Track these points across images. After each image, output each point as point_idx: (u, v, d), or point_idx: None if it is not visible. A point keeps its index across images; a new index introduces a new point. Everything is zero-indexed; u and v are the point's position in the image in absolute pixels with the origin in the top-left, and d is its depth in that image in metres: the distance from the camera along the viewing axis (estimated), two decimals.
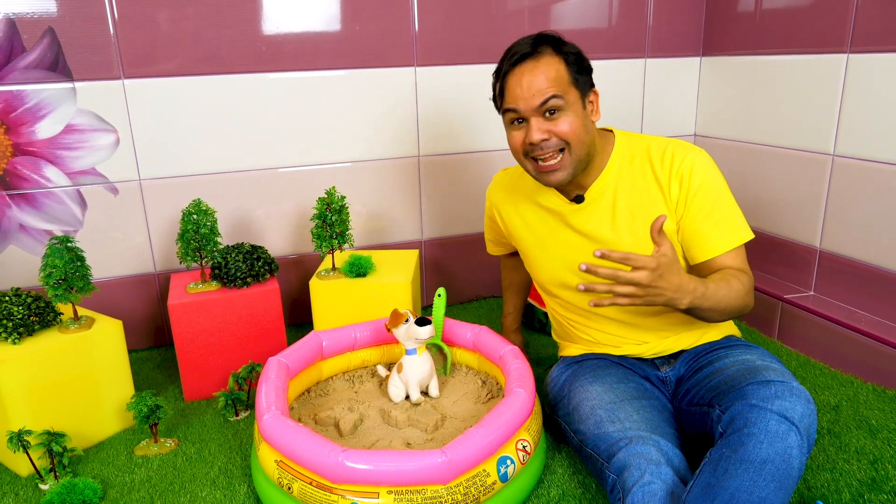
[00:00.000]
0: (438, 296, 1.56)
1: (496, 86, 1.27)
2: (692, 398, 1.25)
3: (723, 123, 2.20)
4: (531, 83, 1.20)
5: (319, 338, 1.53)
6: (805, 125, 1.87)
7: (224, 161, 1.89)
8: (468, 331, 1.55)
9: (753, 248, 1.41)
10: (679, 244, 1.28)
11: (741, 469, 0.98)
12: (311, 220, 1.67)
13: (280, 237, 2.01)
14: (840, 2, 1.72)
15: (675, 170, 1.25)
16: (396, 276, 1.71)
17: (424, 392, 1.46)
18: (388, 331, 1.43)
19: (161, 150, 1.83)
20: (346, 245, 1.70)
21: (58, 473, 1.33)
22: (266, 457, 1.21)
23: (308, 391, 1.53)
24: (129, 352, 1.74)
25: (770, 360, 1.21)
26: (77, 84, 1.71)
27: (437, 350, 1.60)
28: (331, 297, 1.69)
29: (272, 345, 1.68)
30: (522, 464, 1.21)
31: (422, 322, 1.39)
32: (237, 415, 1.57)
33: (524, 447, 1.22)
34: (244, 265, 1.64)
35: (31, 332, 1.41)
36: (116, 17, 1.70)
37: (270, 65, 1.85)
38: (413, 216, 2.12)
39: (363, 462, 1.09)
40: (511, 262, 1.72)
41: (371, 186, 2.04)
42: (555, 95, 1.19)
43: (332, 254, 1.74)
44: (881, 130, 1.66)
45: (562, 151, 1.23)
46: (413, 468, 1.09)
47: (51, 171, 1.75)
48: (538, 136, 1.20)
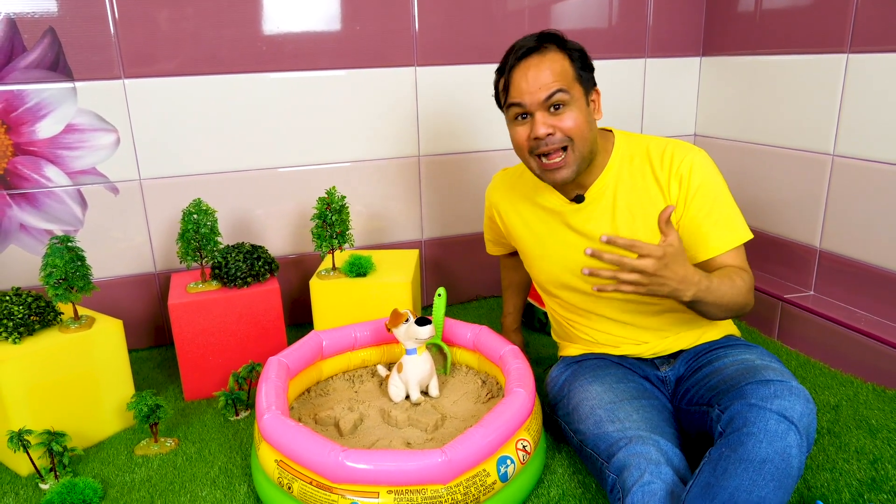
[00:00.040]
0: (438, 295, 1.56)
1: (500, 82, 1.27)
2: (692, 398, 1.25)
3: (723, 123, 2.20)
4: (537, 77, 1.19)
5: (319, 337, 1.53)
6: (805, 125, 1.87)
7: (224, 161, 1.89)
8: (468, 331, 1.55)
9: (753, 248, 1.41)
10: None
11: (741, 468, 0.98)
12: (312, 220, 1.67)
13: (280, 237, 2.01)
14: (840, 2, 1.72)
15: (675, 170, 1.25)
16: (396, 276, 1.71)
17: (424, 392, 1.46)
18: (389, 330, 1.44)
19: (161, 150, 1.83)
20: (347, 245, 1.70)
21: (58, 473, 1.33)
22: (266, 456, 1.21)
23: (308, 391, 1.53)
24: (130, 351, 1.74)
25: (769, 360, 1.21)
26: (77, 84, 1.71)
27: (437, 350, 1.61)
28: (331, 297, 1.69)
29: (272, 344, 1.68)
30: (522, 463, 1.21)
31: (422, 322, 1.39)
32: (237, 414, 1.58)
33: (524, 447, 1.22)
34: (244, 265, 1.64)
35: (32, 332, 1.41)
36: (117, 17, 1.70)
37: (270, 65, 1.85)
38: (413, 216, 2.12)
39: (363, 462, 1.09)
40: (511, 262, 1.72)
41: (371, 186, 2.04)
42: (560, 90, 1.19)
43: (333, 253, 1.74)
44: (881, 130, 1.66)
45: (565, 149, 1.23)
46: (413, 468, 1.09)
47: (51, 171, 1.75)
48: (543, 130, 1.20)
